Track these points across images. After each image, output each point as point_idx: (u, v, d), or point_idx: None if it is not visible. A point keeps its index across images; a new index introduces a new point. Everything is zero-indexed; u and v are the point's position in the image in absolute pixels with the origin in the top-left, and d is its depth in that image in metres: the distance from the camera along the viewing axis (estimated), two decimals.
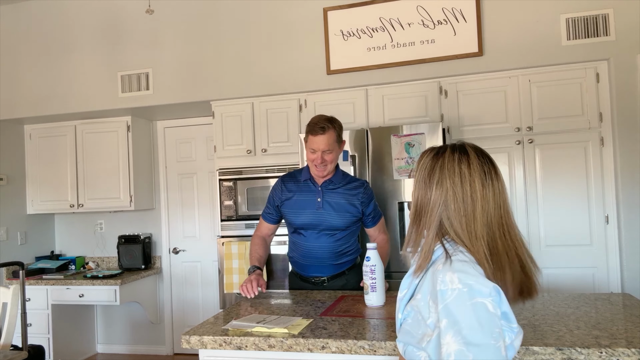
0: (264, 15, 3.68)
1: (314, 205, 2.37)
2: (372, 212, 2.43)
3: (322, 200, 2.36)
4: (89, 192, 4.29)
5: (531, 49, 3.20)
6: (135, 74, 3.93)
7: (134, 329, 4.56)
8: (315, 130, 2.26)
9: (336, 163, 2.37)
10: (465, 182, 1.14)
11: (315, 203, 2.37)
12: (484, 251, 1.11)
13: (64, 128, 4.36)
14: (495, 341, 1.03)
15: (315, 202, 2.37)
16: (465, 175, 1.14)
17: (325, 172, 2.32)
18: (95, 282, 3.92)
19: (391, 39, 3.41)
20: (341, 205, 2.35)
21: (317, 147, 2.26)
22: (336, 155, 2.32)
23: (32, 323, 3.87)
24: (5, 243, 4.22)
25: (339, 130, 2.33)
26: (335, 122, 2.32)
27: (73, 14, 4.09)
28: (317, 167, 2.30)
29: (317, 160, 2.28)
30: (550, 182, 3.20)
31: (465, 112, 3.33)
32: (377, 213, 2.48)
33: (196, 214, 4.51)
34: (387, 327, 1.71)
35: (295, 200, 2.40)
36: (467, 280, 1.06)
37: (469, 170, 1.14)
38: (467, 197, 1.13)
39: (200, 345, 1.73)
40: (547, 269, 3.16)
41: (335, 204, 2.35)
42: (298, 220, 2.40)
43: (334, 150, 2.29)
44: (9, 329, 2.44)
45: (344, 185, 2.38)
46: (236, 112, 3.77)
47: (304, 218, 2.38)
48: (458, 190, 1.13)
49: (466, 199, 1.13)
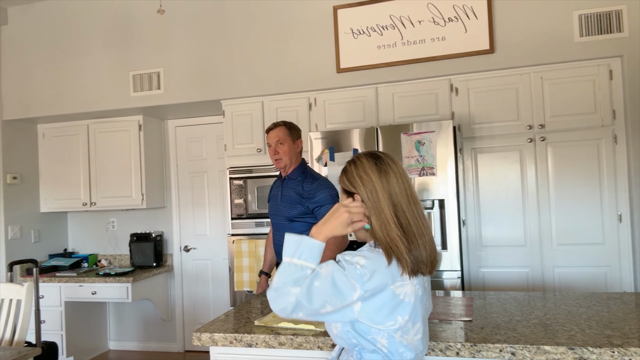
0: (274, 14, 3.69)
1: (277, 197, 2.68)
2: (319, 209, 2.55)
3: (281, 193, 2.66)
4: (102, 191, 4.33)
5: (543, 46, 3.17)
6: (147, 73, 3.96)
7: (146, 326, 4.60)
8: (268, 128, 2.67)
9: (292, 157, 2.62)
10: (366, 182, 1.34)
11: (278, 196, 2.68)
12: (397, 232, 1.28)
13: (76, 127, 4.41)
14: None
15: (278, 195, 2.68)
16: (363, 177, 1.34)
17: (283, 164, 2.61)
18: (108, 280, 3.97)
19: (401, 36, 3.40)
20: (291, 197, 2.60)
21: (271, 140, 2.61)
22: (289, 149, 2.60)
23: (45, 320, 3.93)
24: (19, 241, 4.28)
25: (291, 129, 2.65)
26: (287, 122, 2.68)
27: (85, 14, 4.13)
28: (275, 160, 2.62)
29: (272, 152, 2.62)
30: (563, 180, 3.17)
31: (476, 110, 3.30)
32: (326, 210, 2.54)
33: (207, 212, 4.53)
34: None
35: (271, 195, 2.77)
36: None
37: (365, 173, 1.34)
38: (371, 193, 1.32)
39: (211, 342, 1.75)
40: (559, 268, 3.13)
41: (287, 196, 2.63)
42: (269, 211, 2.76)
43: (286, 143, 2.60)
44: (23, 326, 2.47)
45: (300, 180, 2.61)
46: (246, 110, 3.78)
47: (270, 209, 2.75)
48: (362, 190, 1.33)
49: (370, 196, 1.32)
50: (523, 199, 3.22)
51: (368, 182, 1.33)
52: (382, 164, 1.35)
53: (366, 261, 1.27)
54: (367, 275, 1.25)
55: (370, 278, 1.25)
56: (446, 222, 3.04)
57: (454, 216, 3.04)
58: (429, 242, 1.33)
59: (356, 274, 1.25)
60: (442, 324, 1.75)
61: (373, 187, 1.32)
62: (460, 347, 1.54)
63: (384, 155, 1.38)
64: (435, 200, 3.06)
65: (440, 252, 3.04)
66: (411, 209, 1.32)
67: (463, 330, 1.68)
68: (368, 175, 1.33)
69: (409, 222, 1.30)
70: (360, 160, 1.37)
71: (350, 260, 1.29)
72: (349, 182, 1.37)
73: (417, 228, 1.31)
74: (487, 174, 3.30)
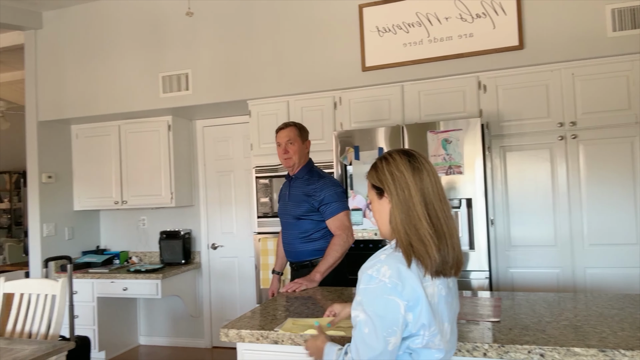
0: (299, 14, 3.71)
1: (285, 197, 2.72)
2: (324, 206, 2.57)
3: (288, 192, 2.69)
4: (132, 189, 4.44)
5: (574, 41, 3.10)
6: (176, 74, 4.04)
7: (175, 322, 4.70)
8: (279, 128, 2.69)
9: (301, 157, 2.66)
10: (398, 179, 1.32)
11: (286, 195, 2.72)
12: (428, 230, 1.26)
13: (108, 128, 4.53)
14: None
15: (286, 194, 2.72)
16: (396, 174, 1.32)
17: (291, 163, 2.64)
18: (138, 276, 4.06)
19: (428, 33, 3.37)
20: (298, 196, 2.64)
21: (282, 140, 2.63)
22: (298, 148, 2.64)
23: (78, 315, 4.04)
24: (53, 238, 4.42)
25: (301, 130, 2.68)
26: (297, 123, 2.71)
27: (116, 17, 4.24)
28: (284, 159, 2.64)
29: (282, 151, 2.64)
30: (595, 178, 3.08)
31: (505, 107, 3.25)
32: (331, 208, 2.58)
33: (233, 210, 4.59)
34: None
35: (280, 195, 2.81)
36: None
37: (398, 170, 1.33)
38: (402, 190, 1.31)
39: (238, 338, 1.77)
40: (591, 269, 3.06)
41: (294, 195, 2.66)
42: (278, 210, 2.80)
43: (296, 143, 2.63)
44: (57, 320, 2.55)
45: (307, 179, 2.64)
46: (272, 110, 3.81)
47: (279, 208, 2.79)
48: (392, 189, 1.32)
49: (400, 192, 1.31)
50: (554, 197, 3.16)
51: (400, 178, 1.31)
52: (415, 161, 1.33)
53: (391, 271, 1.25)
54: (400, 284, 1.24)
55: (404, 286, 1.24)
56: (473, 221, 3.01)
57: (481, 215, 3.00)
58: (457, 243, 1.32)
59: (389, 289, 1.23)
60: (469, 325, 1.73)
61: (406, 184, 1.30)
62: (487, 348, 1.52)
63: (417, 154, 1.37)
64: (463, 199, 3.03)
65: (468, 252, 3.00)
66: (442, 208, 1.31)
67: (491, 331, 1.65)
68: (401, 172, 1.32)
69: (440, 221, 1.29)
70: (393, 157, 1.35)
71: (376, 276, 1.25)
72: (378, 178, 1.36)
73: (448, 228, 1.30)
74: (517, 172, 3.24)
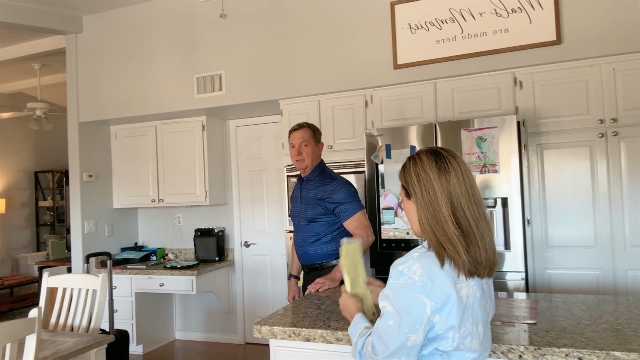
0: (331, 13, 3.71)
1: (297, 199, 2.69)
2: (339, 207, 2.53)
3: (300, 195, 2.66)
4: (168, 188, 4.56)
5: (615, 35, 2.98)
6: (210, 75, 4.11)
7: (209, 318, 4.79)
8: (292, 129, 2.66)
9: (314, 159, 2.64)
10: (424, 180, 1.31)
11: (298, 197, 2.69)
12: (454, 232, 1.24)
13: (145, 128, 4.66)
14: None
15: (298, 196, 2.69)
16: (421, 175, 1.31)
17: (304, 165, 2.61)
18: (174, 272, 4.16)
19: (461, 30, 3.32)
20: (309, 198, 2.60)
21: (295, 141, 2.61)
22: (312, 150, 2.61)
23: (117, 309, 4.18)
24: (94, 235, 4.58)
25: (315, 131, 2.67)
26: (311, 124, 2.69)
27: (151, 20, 4.35)
28: (297, 161, 2.62)
29: (295, 153, 2.61)
30: (637, 177, 2.96)
31: (542, 104, 3.16)
32: (348, 209, 2.54)
33: (265, 209, 4.64)
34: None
35: (292, 196, 2.78)
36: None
37: (423, 171, 1.31)
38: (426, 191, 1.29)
39: (271, 335, 1.80)
40: (633, 271, 2.94)
41: (306, 197, 2.63)
42: (290, 213, 2.80)
43: (310, 144, 2.60)
44: (98, 314, 2.64)
45: (319, 181, 2.61)
46: (303, 109, 3.83)
47: (291, 211, 2.77)
48: (417, 190, 1.31)
49: (425, 194, 1.29)
50: (593, 197, 3.05)
51: (425, 180, 1.29)
52: (442, 161, 1.30)
53: (422, 270, 1.24)
54: (429, 283, 1.22)
55: (433, 286, 1.22)
56: (509, 221, 2.94)
57: (517, 215, 2.93)
58: (489, 244, 1.29)
59: (417, 287, 1.22)
60: (505, 326, 1.70)
61: (431, 185, 1.28)
62: (523, 350, 1.49)
63: (446, 152, 1.33)
64: (498, 198, 2.97)
65: (503, 253, 2.94)
66: (472, 209, 1.27)
67: (527, 333, 1.62)
68: (427, 173, 1.30)
69: (469, 222, 1.26)
70: (420, 158, 1.33)
71: (407, 273, 1.25)
72: (405, 179, 1.35)
73: (478, 229, 1.27)
74: (554, 171, 3.15)
